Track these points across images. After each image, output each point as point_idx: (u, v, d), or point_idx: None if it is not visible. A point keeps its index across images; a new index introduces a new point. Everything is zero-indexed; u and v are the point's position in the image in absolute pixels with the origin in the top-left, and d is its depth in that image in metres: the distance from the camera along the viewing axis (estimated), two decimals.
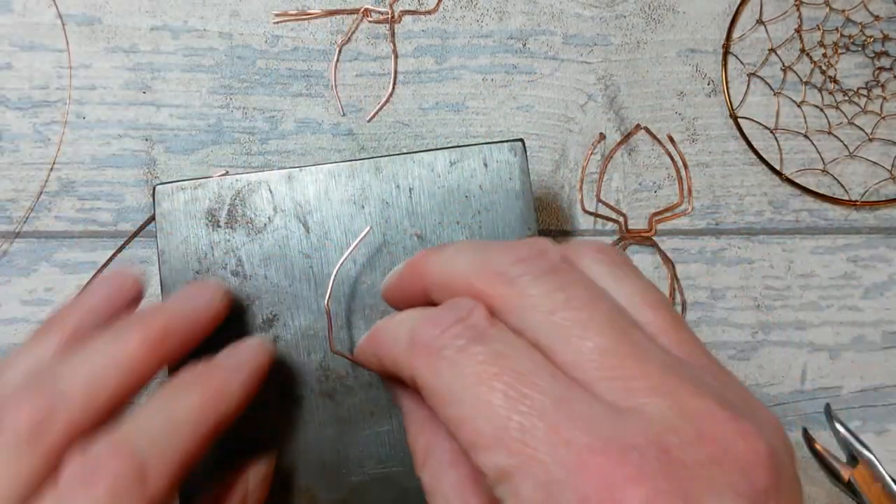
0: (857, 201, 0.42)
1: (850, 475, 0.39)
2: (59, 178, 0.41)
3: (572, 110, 0.42)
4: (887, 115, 0.42)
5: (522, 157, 0.34)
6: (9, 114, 0.41)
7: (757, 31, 0.43)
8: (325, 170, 0.34)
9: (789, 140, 0.42)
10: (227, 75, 0.41)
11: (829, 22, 0.43)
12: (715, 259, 0.42)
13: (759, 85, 0.42)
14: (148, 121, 0.41)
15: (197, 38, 0.41)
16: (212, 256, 0.34)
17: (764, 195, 0.42)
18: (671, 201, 0.42)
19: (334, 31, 0.42)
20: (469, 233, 0.34)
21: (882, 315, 0.42)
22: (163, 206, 0.34)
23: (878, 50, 0.43)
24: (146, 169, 0.41)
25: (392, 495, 0.33)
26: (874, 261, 0.42)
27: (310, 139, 0.41)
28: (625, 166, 0.42)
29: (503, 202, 0.34)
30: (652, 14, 0.42)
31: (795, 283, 0.42)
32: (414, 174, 0.34)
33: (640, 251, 0.42)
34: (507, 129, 0.42)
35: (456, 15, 0.42)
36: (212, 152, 0.41)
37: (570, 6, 0.42)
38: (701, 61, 0.42)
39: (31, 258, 0.40)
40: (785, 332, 0.42)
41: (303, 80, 0.41)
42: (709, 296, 0.42)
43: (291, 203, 0.34)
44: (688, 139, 0.42)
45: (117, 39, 0.41)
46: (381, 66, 0.42)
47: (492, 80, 0.42)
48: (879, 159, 0.42)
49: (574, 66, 0.42)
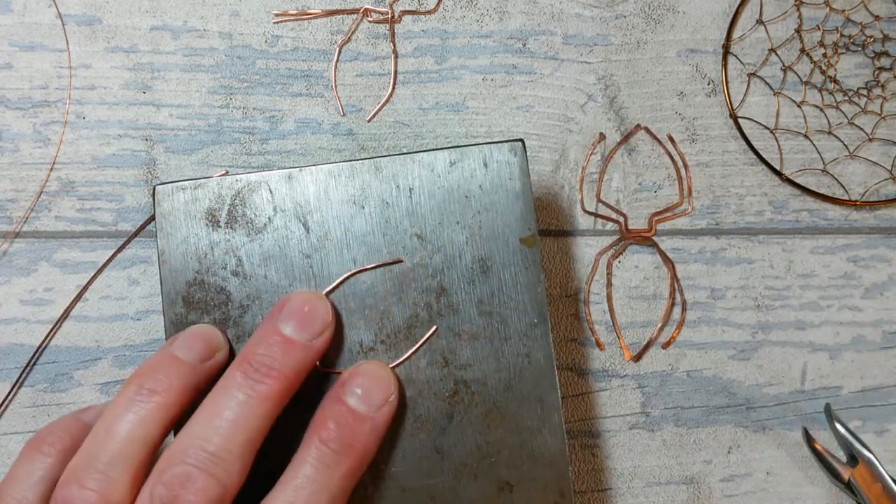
0: (857, 201, 0.42)
1: (850, 475, 0.39)
2: (59, 178, 0.41)
3: (572, 110, 0.42)
4: (887, 115, 0.42)
5: (522, 157, 0.34)
6: (9, 114, 0.41)
7: (757, 31, 0.43)
8: (325, 170, 0.34)
9: (789, 140, 0.42)
10: (227, 75, 0.41)
11: (829, 22, 0.43)
12: (715, 259, 0.42)
13: (759, 85, 0.42)
14: (148, 121, 0.41)
15: (197, 38, 0.41)
16: (212, 256, 0.34)
17: (764, 195, 0.42)
18: (671, 201, 0.42)
19: (334, 31, 0.42)
20: (469, 233, 0.34)
21: (882, 315, 0.42)
22: (163, 206, 0.34)
23: (878, 50, 0.43)
24: (146, 169, 0.41)
25: (392, 495, 0.33)
26: (874, 261, 0.42)
27: (310, 139, 0.41)
28: (625, 166, 0.42)
29: (503, 202, 0.34)
30: (652, 14, 0.42)
31: (795, 283, 0.42)
32: (414, 174, 0.34)
33: (640, 251, 0.42)
34: (507, 129, 0.42)
35: (456, 15, 0.42)
36: (212, 152, 0.41)
37: (570, 6, 0.42)
38: (701, 61, 0.42)
39: (31, 258, 0.40)
40: (785, 332, 0.42)
41: (303, 80, 0.41)
42: (709, 296, 0.42)
43: (291, 203, 0.34)
44: (688, 139, 0.42)
45: (117, 39, 0.41)
46: (381, 66, 0.42)
47: (492, 80, 0.42)
48: (879, 159, 0.42)
49: (574, 66, 0.42)
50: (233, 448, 0.28)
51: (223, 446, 0.28)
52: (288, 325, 0.31)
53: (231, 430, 0.28)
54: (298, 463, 0.30)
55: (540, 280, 0.33)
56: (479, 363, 0.33)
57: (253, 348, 0.30)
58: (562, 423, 0.33)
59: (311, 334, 0.31)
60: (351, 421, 0.30)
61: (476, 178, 0.34)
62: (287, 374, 0.30)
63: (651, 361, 0.41)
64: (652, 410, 0.41)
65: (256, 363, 0.30)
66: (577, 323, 0.41)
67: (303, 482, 0.29)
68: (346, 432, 0.30)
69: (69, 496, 0.28)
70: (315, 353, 0.31)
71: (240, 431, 0.29)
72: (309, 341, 0.31)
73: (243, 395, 0.29)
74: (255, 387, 0.29)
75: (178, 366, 0.31)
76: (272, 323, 0.31)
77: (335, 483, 0.29)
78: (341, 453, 0.30)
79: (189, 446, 0.28)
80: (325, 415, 0.31)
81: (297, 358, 0.31)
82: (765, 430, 0.41)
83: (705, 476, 0.41)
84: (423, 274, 0.33)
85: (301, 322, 0.31)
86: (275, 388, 0.30)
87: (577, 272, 0.41)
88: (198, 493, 0.27)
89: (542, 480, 0.33)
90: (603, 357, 0.41)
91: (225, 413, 0.29)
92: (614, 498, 0.40)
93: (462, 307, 0.33)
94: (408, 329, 0.33)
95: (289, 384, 0.30)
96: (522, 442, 0.33)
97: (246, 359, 0.30)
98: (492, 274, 0.33)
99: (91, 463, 0.28)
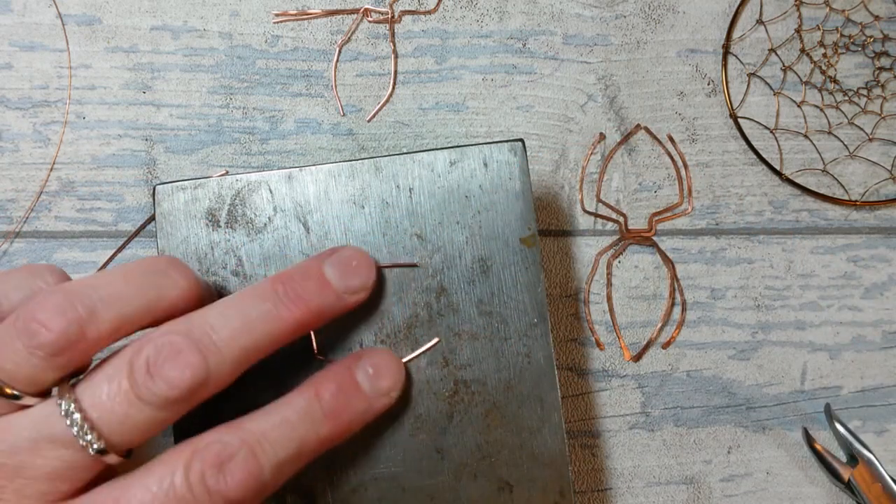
0: (857, 201, 0.42)
1: (850, 475, 0.39)
2: (59, 178, 0.41)
3: (572, 110, 0.42)
4: (887, 115, 0.42)
5: (522, 157, 0.34)
6: (9, 114, 0.41)
7: (757, 31, 0.43)
8: (325, 170, 0.34)
9: (789, 140, 0.42)
10: (227, 75, 0.41)
11: (829, 22, 0.43)
12: (715, 259, 0.42)
13: (759, 85, 0.42)
14: (148, 121, 0.41)
15: (197, 38, 0.41)
16: (212, 256, 0.34)
17: (764, 195, 0.42)
18: (671, 201, 0.42)
19: (334, 31, 0.42)
20: (469, 232, 0.34)
21: (882, 315, 0.42)
22: (163, 206, 0.34)
23: (878, 50, 0.43)
24: (146, 169, 0.41)
25: (392, 495, 0.33)
26: (874, 261, 0.42)
27: (310, 139, 0.41)
28: (625, 166, 0.42)
29: (503, 202, 0.34)
30: (652, 14, 0.42)
31: (795, 283, 0.42)
32: (414, 174, 0.34)
33: (640, 251, 0.42)
34: (507, 129, 0.42)
35: (456, 15, 0.42)
36: (212, 152, 0.41)
37: (570, 6, 0.42)
38: (701, 61, 0.42)
39: (31, 258, 0.40)
40: (785, 332, 0.42)
41: (303, 80, 0.41)
42: (709, 296, 0.42)
43: (291, 203, 0.34)
44: (688, 139, 0.42)
45: (117, 39, 0.41)
46: (381, 66, 0.42)
47: (492, 80, 0.42)
48: (879, 159, 0.42)
49: (574, 66, 0.42)
50: (234, 348, 0.28)
51: (227, 342, 0.28)
52: (332, 270, 0.31)
53: (240, 332, 0.28)
54: (285, 404, 0.29)
55: (540, 280, 0.33)
56: (479, 363, 0.33)
57: (292, 273, 0.30)
58: (562, 423, 0.33)
59: (348, 288, 0.31)
60: (352, 392, 0.31)
61: (476, 178, 0.34)
62: (313, 310, 0.30)
63: (651, 361, 0.41)
64: (652, 410, 0.41)
65: (289, 286, 0.30)
66: (577, 323, 0.41)
67: (280, 421, 0.29)
68: (341, 400, 0.30)
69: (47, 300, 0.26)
70: (344, 306, 0.31)
71: (247, 338, 0.28)
72: (343, 293, 0.31)
73: (266, 308, 0.29)
74: (280, 307, 0.29)
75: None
76: (319, 261, 0.31)
77: (309, 439, 0.29)
78: (328, 416, 0.30)
79: (197, 326, 0.28)
80: (330, 375, 0.31)
81: (328, 302, 0.31)
82: (765, 430, 0.41)
83: (705, 476, 0.41)
84: (423, 274, 0.33)
85: (345, 272, 0.31)
86: (296, 316, 0.29)
87: (577, 272, 0.41)
88: (186, 368, 0.27)
89: (542, 480, 0.33)
90: (603, 357, 0.41)
91: (243, 314, 0.29)
92: (614, 498, 0.40)
93: (462, 307, 0.33)
94: (408, 329, 0.33)
95: (309, 320, 0.30)
96: (522, 442, 0.33)
97: (282, 280, 0.30)
98: (492, 274, 0.33)
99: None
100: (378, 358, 0.32)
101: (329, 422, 0.30)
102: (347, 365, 0.31)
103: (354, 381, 0.31)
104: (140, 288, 0.28)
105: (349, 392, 0.31)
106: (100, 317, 0.27)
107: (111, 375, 0.27)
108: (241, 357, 0.28)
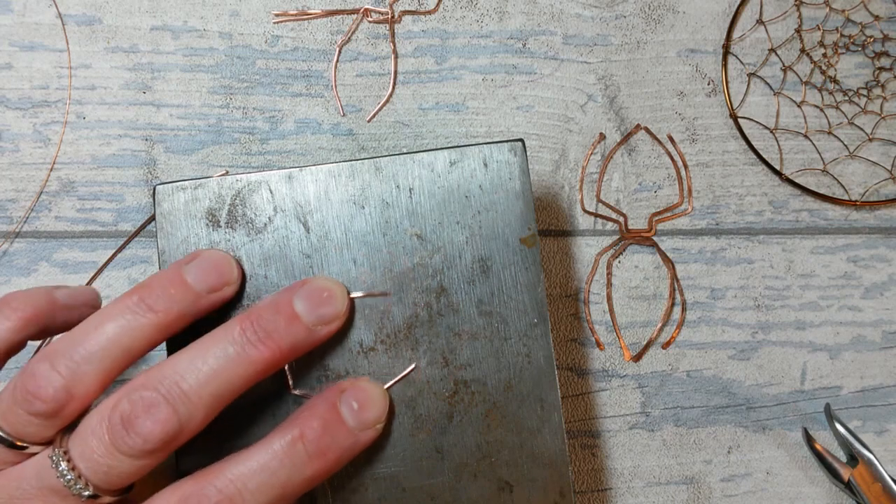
0: (857, 201, 0.42)
1: (850, 475, 0.39)
2: (59, 178, 0.41)
3: (572, 110, 0.42)
4: (887, 115, 0.42)
5: (522, 157, 0.34)
6: (9, 114, 0.41)
7: (757, 31, 0.43)
8: (325, 170, 0.34)
9: (789, 140, 0.42)
10: (227, 75, 0.41)
11: (829, 22, 0.43)
12: (715, 259, 0.42)
13: (759, 85, 0.42)
14: (148, 121, 0.41)
15: (197, 38, 0.41)
16: None
17: (764, 195, 0.42)
18: (671, 201, 0.42)
19: (334, 31, 0.42)
20: (469, 233, 0.34)
21: (882, 315, 0.42)
22: (163, 206, 0.34)
23: (878, 50, 0.43)
24: (146, 169, 0.41)
25: (392, 495, 0.33)
26: (874, 261, 0.42)
27: (310, 139, 0.41)
28: (625, 166, 0.42)
29: (503, 202, 0.34)
30: (652, 14, 0.42)
31: (795, 283, 0.42)
32: (414, 174, 0.34)
33: (640, 251, 0.42)
34: (507, 129, 0.42)
35: (456, 15, 0.42)
36: (212, 152, 0.41)
37: (570, 6, 0.42)
38: (701, 61, 0.42)
39: (31, 258, 0.40)
40: (785, 332, 0.42)
41: (303, 80, 0.41)
42: (709, 296, 0.42)
43: (291, 203, 0.34)
44: (688, 139, 0.42)
45: (117, 39, 0.41)
46: (381, 66, 0.42)
47: (492, 80, 0.42)
48: (879, 159, 0.42)
49: (574, 66, 0.42)
50: (203, 395, 0.28)
51: (196, 390, 0.28)
52: (302, 303, 0.31)
53: (209, 378, 0.29)
54: (265, 446, 0.29)
55: (540, 280, 0.33)
56: (479, 363, 0.33)
57: (260, 310, 0.30)
58: (562, 423, 0.33)
59: (320, 320, 0.31)
60: (337, 429, 0.30)
61: (476, 178, 0.34)
62: (282, 347, 0.30)
63: (651, 361, 0.41)
64: (652, 410, 0.41)
65: (258, 325, 0.30)
66: (577, 323, 0.41)
67: (259, 468, 0.29)
68: (326, 439, 0.30)
69: (36, 371, 0.28)
70: (316, 340, 0.31)
71: (216, 383, 0.29)
72: (314, 326, 0.31)
73: (234, 350, 0.29)
74: (248, 348, 0.29)
75: (184, 291, 0.31)
76: (289, 294, 0.31)
77: (292, 482, 0.29)
78: (312, 457, 0.29)
79: (166, 377, 0.28)
80: (314, 412, 0.30)
81: (298, 337, 0.30)
82: (765, 430, 0.41)
83: (705, 476, 0.41)
84: (423, 274, 0.33)
85: (315, 305, 0.31)
86: (265, 356, 0.29)
87: (577, 272, 0.41)
88: (157, 423, 0.28)
89: (542, 480, 0.33)
90: (603, 357, 0.41)
91: (210, 360, 0.29)
92: (614, 498, 0.40)
93: (462, 307, 0.33)
94: (408, 329, 0.33)
95: (280, 357, 0.30)
96: (522, 442, 0.33)
97: (250, 317, 0.30)
98: (492, 274, 0.33)
99: (69, 350, 0.29)
100: (363, 392, 0.31)
101: (314, 462, 0.30)
102: (330, 400, 0.31)
103: (339, 416, 0.31)
104: (115, 333, 0.29)
105: (334, 429, 0.30)
106: (84, 377, 0.29)
107: (94, 429, 0.28)
108: (212, 403, 0.29)
